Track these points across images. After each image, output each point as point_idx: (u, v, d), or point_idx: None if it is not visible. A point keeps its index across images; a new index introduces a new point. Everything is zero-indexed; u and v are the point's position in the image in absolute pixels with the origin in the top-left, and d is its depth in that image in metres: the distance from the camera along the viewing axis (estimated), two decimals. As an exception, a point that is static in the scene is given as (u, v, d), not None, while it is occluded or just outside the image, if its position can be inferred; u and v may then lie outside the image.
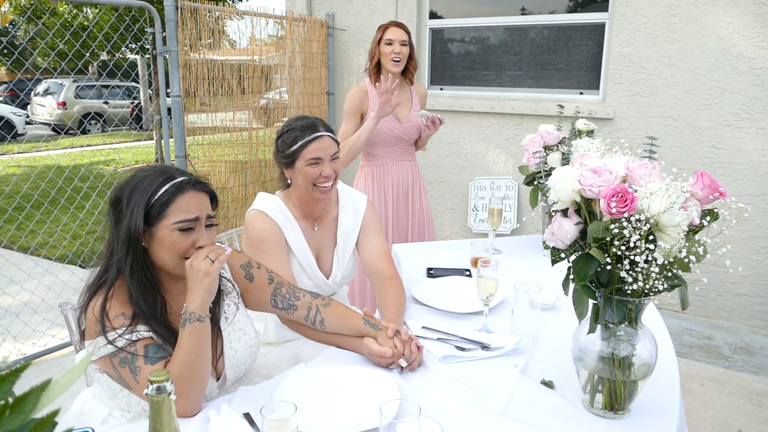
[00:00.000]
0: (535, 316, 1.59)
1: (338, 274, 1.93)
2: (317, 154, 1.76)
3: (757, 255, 3.51)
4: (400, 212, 2.91)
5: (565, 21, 4.02)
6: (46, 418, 0.45)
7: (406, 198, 2.90)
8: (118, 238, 1.29)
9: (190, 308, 1.26)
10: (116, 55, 10.93)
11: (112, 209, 1.32)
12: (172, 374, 1.20)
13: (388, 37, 2.69)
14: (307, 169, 1.76)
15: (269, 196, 1.85)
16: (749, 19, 3.32)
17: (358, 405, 1.26)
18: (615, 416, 1.22)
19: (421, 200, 2.95)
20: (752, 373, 3.02)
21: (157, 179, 1.30)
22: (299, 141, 1.76)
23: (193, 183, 1.32)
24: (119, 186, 1.33)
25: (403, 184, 2.88)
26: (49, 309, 3.52)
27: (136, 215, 1.26)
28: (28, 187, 6.61)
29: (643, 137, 1.93)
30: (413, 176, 2.91)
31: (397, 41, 2.68)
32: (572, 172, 1.15)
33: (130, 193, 1.29)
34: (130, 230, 1.27)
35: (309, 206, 1.86)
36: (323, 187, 1.78)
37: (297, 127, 1.78)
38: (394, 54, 2.68)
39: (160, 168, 1.35)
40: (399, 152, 2.85)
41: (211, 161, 4.03)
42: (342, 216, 1.93)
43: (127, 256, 1.28)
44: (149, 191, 1.28)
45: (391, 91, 2.57)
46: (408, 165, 2.89)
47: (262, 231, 1.77)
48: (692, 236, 1.11)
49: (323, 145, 1.77)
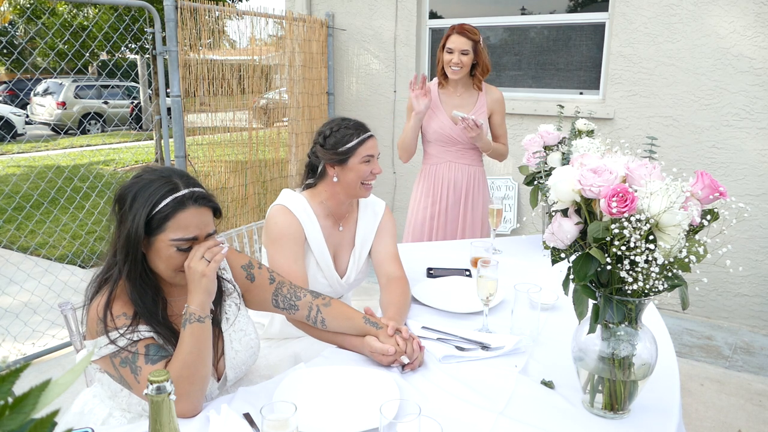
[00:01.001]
0: (535, 316, 1.59)
1: (352, 275, 1.96)
2: (371, 152, 1.84)
3: (757, 255, 3.51)
4: (450, 215, 2.87)
5: (565, 21, 4.02)
6: (45, 418, 0.45)
7: (458, 201, 2.85)
8: (119, 240, 1.29)
9: (191, 309, 1.27)
10: (116, 55, 10.92)
11: (117, 207, 1.31)
12: (173, 374, 1.20)
13: (449, 46, 2.68)
14: (361, 167, 1.81)
15: (294, 194, 1.88)
16: (749, 19, 3.32)
17: (358, 405, 1.26)
18: (615, 416, 1.22)
19: (476, 207, 2.88)
20: (752, 373, 3.02)
21: (161, 188, 1.27)
22: (355, 139, 1.81)
23: (196, 198, 1.30)
24: (125, 186, 1.31)
25: (457, 187, 2.83)
26: (49, 309, 3.52)
27: (137, 223, 1.25)
28: (28, 187, 6.61)
29: (643, 137, 1.93)
30: (470, 180, 2.84)
31: (458, 51, 2.66)
32: (572, 172, 1.15)
33: (134, 197, 1.28)
34: (130, 237, 1.26)
35: (339, 205, 1.89)
36: (369, 185, 1.87)
37: (349, 125, 1.84)
38: (453, 64, 2.68)
39: (167, 174, 1.32)
40: (454, 153, 2.82)
41: (211, 161, 4.03)
42: (361, 219, 1.97)
43: (126, 261, 1.27)
44: (152, 201, 1.26)
45: (420, 89, 2.61)
46: (465, 168, 2.83)
47: (284, 226, 1.79)
48: (692, 236, 1.11)
49: (374, 144, 1.87)
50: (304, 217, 1.82)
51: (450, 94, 2.80)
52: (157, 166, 1.37)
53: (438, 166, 2.84)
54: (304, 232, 1.82)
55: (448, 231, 2.90)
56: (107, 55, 11.47)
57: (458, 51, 2.66)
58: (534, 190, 2.31)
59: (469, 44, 2.66)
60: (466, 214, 2.88)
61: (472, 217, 2.89)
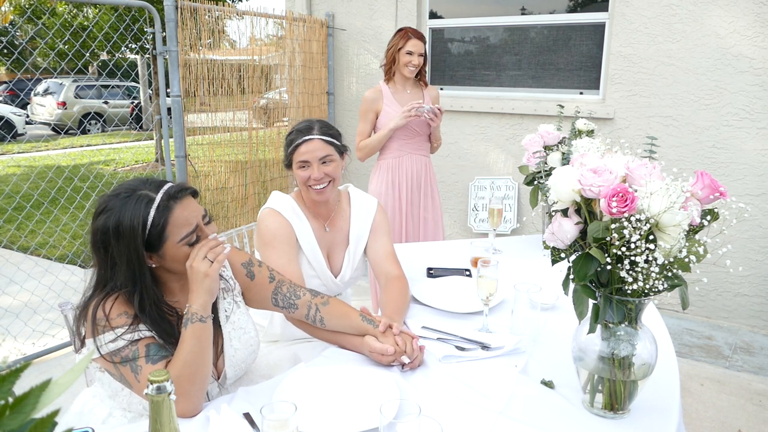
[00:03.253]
0: (535, 316, 1.59)
1: (347, 273, 1.96)
2: (304, 157, 1.81)
3: (757, 255, 3.51)
4: (414, 205, 3.07)
5: (565, 21, 4.02)
6: (46, 418, 0.45)
7: (418, 192, 3.07)
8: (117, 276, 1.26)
9: (193, 308, 1.27)
10: (116, 55, 10.92)
11: (101, 251, 1.26)
12: (174, 374, 1.20)
13: (409, 49, 2.92)
14: (298, 172, 1.82)
15: (283, 195, 1.88)
16: (749, 18, 3.32)
17: (358, 405, 1.26)
18: (615, 416, 1.22)
19: (432, 195, 3.13)
20: (752, 373, 3.02)
21: (138, 207, 1.24)
22: (292, 144, 1.83)
23: (173, 195, 1.28)
24: (99, 228, 1.25)
25: (417, 178, 3.05)
26: (49, 309, 3.52)
27: (137, 253, 1.24)
28: (28, 187, 6.61)
29: (643, 137, 1.93)
30: (426, 170, 3.08)
31: (416, 53, 2.92)
32: (572, 172, 1.15)
33: (116, 233, 1.23)
34: (134, 268, 1.25)
35: (315, 206, 1.90)
36: (316, 189, 1.82)
37: (294, 129, 1.85)
38: (412, 65, 2.93)
39: (130, 192, 1.26)
40: (413, 145, 3.02)
41: (211, 161, 4.03)
42: (354, 217, 1.97)
43: (135, 292, 1.26)
44: (138, 224, 1.23)
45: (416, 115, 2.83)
46: (421, 159, 3.06)
47: (274, 229, 1.79)
48: (692, 236, 1.11)
49: (311, 148, 1.80)
50: (293, 218, 1.83)
51: (400, 91, 3.04)
52: (116, 189, 1.29)
53: (400, 159, 3.02)
54: (295, 233, 1.83)
55: (414, 222, 3.08)
56: (107, 55, 11.46)
57: (417, 54, 2.92)
58: (534, 190, 2.31)
59: (423, 48, 2.95)
60: (428, 202, 3.09)
61: (432, 207, 3.11)
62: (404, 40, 2.92)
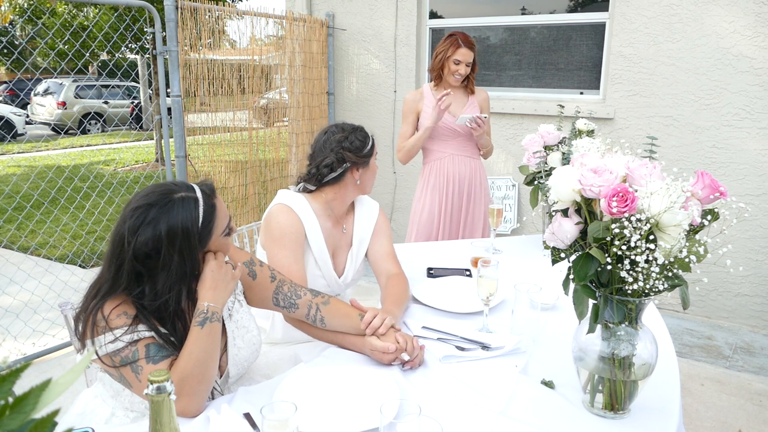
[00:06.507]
0: (535, 316, 1.59)
1: (350, 274, 1.97)
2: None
3: (758, 255, 3.51)
4: (455, 208, 2.96)
5: (565, 21, 4.02)
6: (46, 418, 0.45)
7: (461, 194, 2.96)
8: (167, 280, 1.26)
9: (212, 307, 1.29)
10: (116, 55, 10.92)
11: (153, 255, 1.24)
12: (184, 372, 1.21)
13: (457, 58, 2.81)
14: (376, 165, 1.95)
15: (293, 193, 1.89)
16: (749, 18, 3.32)
17: (358, 405, 1.26)
18: (615, 416, 1.22)
19: (478, 199, 2.99)
20: (752, 373, 3.02)
21: (186, 209, 1.26)
22: (369, 141, 1.91)
23: (208, 192, 1.34)
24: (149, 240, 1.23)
25: (461, 180, 2.94)
26: (49, 309, 3.52)
27: (189, 254, 1.27)
28: (28, 187, 6.61)
29: (643, 137, 1.93)
30: (473, 173, 2.96)
31: (464, 63, 2.81)
32: (572, 172, 1.15)
33: (170, 240, 1.24)
34: (185, 271, 1.28)
35: (343, 206, 1.93)
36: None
37: (359, 130, 1.91)
38: (458, 74, 2.83)
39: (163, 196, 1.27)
40: (456, 146, 2.93)
41: (211, 161, 4.03)
42: (358, 220, 2.00)
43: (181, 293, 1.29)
44: (191, 225, 1.26)
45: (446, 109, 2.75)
46: (467, 161, 2.95)
47: (286, 226, 1.79)
48: (693, 236, 1.11)
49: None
50: (305, 216, 1.83)
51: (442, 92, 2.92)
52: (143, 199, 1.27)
53: (442, 161, 2.93)
54: (305, 231, 1.83)
55: (453, 225, 2.98)
56: (107, 55, 11.46)
57: (465, 63, 2.82)
58: (534, 190, 2.31)
59: (472, 56, 2.84)
60: (469, 206, 2.98)
61: (473, 210, 2.99)
62: (453, 48, 2.80)
